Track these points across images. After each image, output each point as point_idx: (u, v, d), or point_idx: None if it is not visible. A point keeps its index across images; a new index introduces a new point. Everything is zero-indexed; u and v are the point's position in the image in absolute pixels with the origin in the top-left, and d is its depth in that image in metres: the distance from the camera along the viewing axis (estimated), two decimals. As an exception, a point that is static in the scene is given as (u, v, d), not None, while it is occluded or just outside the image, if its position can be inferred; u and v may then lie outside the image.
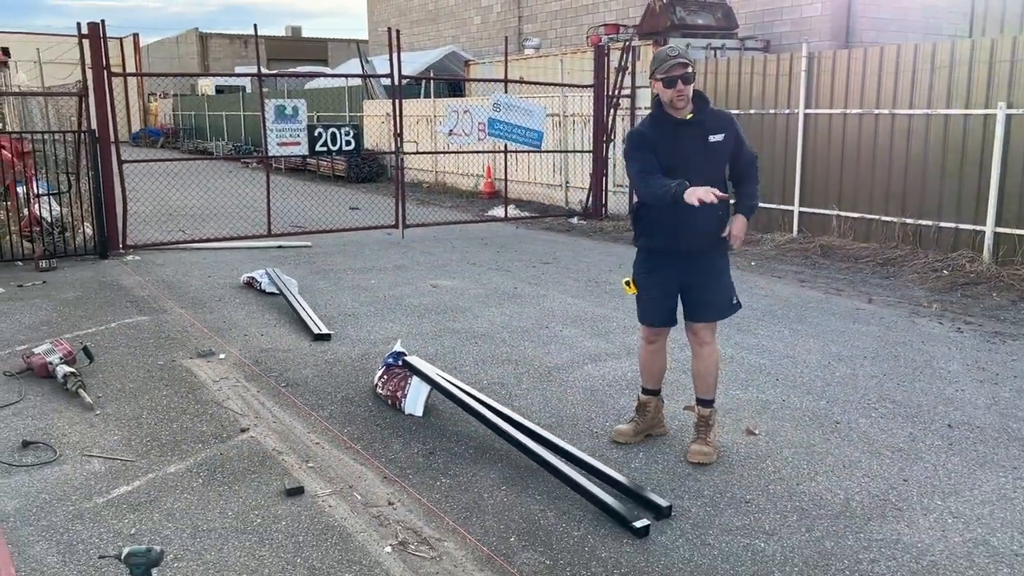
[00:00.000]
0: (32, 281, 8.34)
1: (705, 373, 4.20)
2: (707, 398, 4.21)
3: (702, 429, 4.20)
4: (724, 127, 4.07)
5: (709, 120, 4.05)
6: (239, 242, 10.71)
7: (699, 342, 4.20)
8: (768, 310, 7.20)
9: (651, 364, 4.40)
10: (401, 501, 3.76)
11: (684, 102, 3.98)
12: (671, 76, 3.92)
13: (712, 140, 4.03)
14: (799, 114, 10.49)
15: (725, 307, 4.20)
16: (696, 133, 4.03)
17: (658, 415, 4.46)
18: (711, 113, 4.08)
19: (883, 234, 9.71)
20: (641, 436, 4.41)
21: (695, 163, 3.98)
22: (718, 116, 4.11)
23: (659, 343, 4.36)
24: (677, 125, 4.04)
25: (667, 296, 4.20)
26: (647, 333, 4.34)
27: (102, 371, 5.52)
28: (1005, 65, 8.48)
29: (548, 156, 14.40)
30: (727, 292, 4.18)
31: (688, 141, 4.02)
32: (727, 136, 4.07)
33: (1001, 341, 6.27)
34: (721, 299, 4.17)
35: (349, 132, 11.11)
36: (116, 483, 3.92)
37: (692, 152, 4.01)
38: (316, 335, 6.34)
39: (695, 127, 4.03)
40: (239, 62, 46.32)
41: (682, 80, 3.92)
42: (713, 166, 4.05)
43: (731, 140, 4.09)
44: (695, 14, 15.10)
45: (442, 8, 27.83)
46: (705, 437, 4.18)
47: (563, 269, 9.14)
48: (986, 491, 3.82)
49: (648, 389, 4.42)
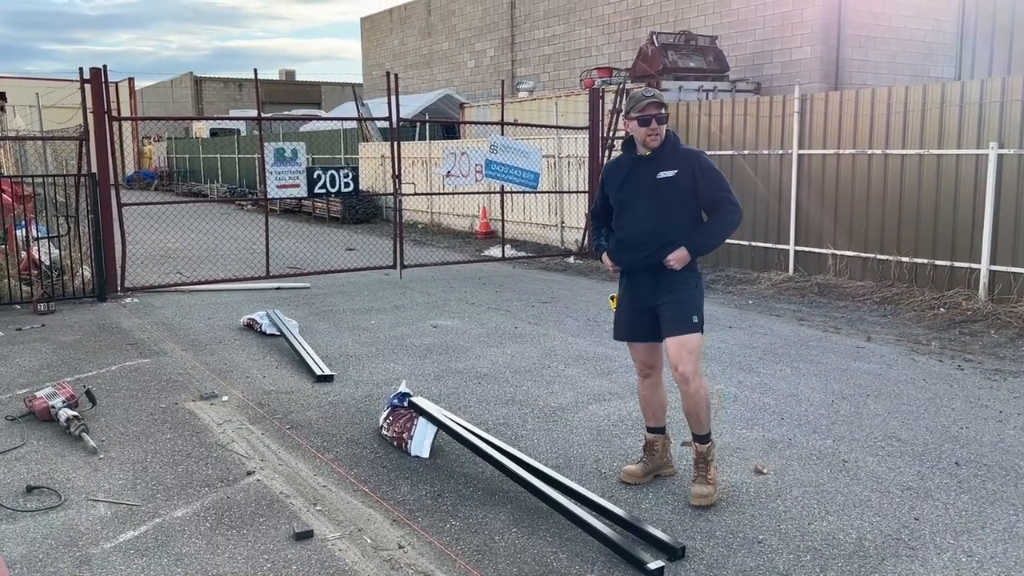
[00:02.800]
0: (31, 324, 8.31)
1: (694, 411, 4.13)
2: (700, 434, 4.17)
3: (701, 466, 4.15)
4: (678, 164, 4.10)
5: (663, 157, 4.12)
6: (238, 284, 10.71)
7: (680, 378, 4.09)
8: (769, 348, 7.23)
9: (649, 399, 4.39)
10: (411, 544, 3.73)
11: (657, 140, 4.10)
12: (646, 115, 4.06)
13: (661, 176, 4.10)
14: (793, 154, 10.62)
15: (684, 323, 4.09)
16: (647, 168, 4.14)
17: (665, 454, 4.45)
18: (670, 150, 4.14)
19: (879, 272, 9.79)
20: (651, 476, 4.39)
21: (642, 198, 4.15)
22: (675, 153, 4.15)
23: (652, 377, 4.36)
24: (636, 161, 4.20)
25: (635, 312, 4.27)
26: (635, 360, 4.39)
27: (105, 414, 5.49)
28: (995, 106, 8.64)
29: (543, 196, 14.52)
30: (687, 310, 4.11)
31: (640, 177, 4.16)
32: (680, 173, 4.09)
33: (1002, 378, 6.30)
34: (680, 315, 4.10)
35: (348, 174, 11.20)
36: (123, 528, 3.88)
37: (641, 187, 4.15)
38: (318, 376, 6.33)
39: (647, 163, 4.15)
40: (233, 105, 46.76)
41: (656, 120, 4.06)
42: (664, 202, 4.11)
43: (686, 176, 4.10)
44: (687, 57, 15.36)
45: (436, 52, 28.22)
46: (705, 475, 4.12)
47: (562, 308, 9.16)
48: (998, 529, 3.82)
49: (652, 427, 4.42)
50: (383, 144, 19.35)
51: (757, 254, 11.24)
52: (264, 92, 44.18)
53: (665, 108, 4.10)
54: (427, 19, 28.49)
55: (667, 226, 4.11)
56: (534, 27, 23.39)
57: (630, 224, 4.23)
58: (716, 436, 4.96)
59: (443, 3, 27.59)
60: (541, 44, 23.17)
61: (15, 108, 18.26)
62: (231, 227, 15.56)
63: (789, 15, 16.21)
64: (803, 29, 15.98)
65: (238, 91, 49.36)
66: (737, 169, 11.33)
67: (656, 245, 4.11)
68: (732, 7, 17.26)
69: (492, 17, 25.14)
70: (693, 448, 4.21)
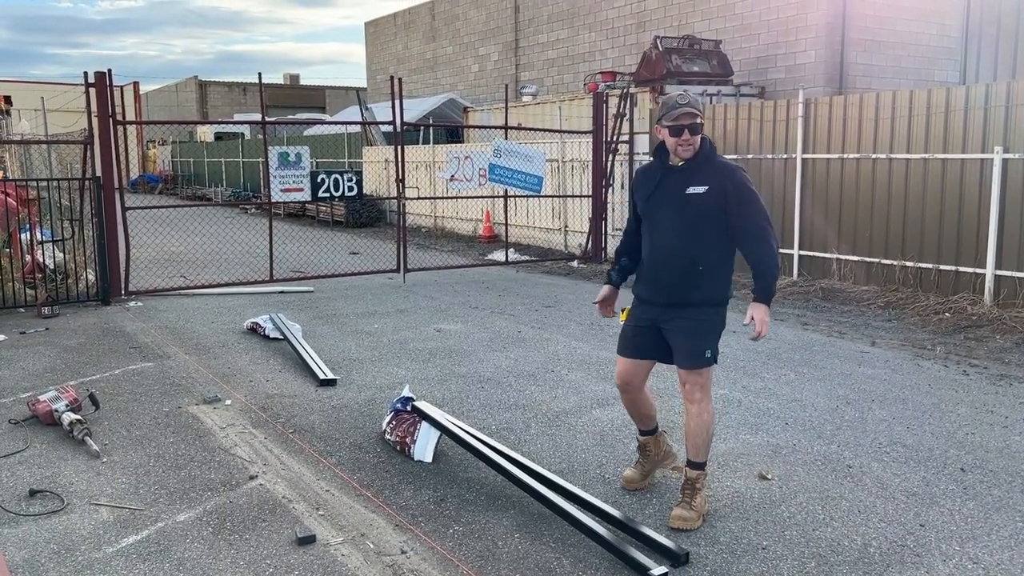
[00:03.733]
0: (35, 328, 8.31)
1: (693, 433, 3.94)
2: (695, 460, 3.97)
3: (687, 492, 3.95)
4: (710, 179, 3.81)
5: (696, 170, 3.86)
6: (241, 288, 10.71)
7: (686, 397, 3.98)
8: (773, 353, 7.20)
9: (633, 411, 4.27)
10: (414, 549, 3.71)
11: (690, 151, 3.84)
12: (678, 125, 3.80)
13: (690, 192, 3.82)
14: (797, 159, 10.61)
15: (695, 357, 3.89)
16: (678, 181, 3.88)
17: (660, 449, 4.34)
18: (704, 162, 3.87)
19: (884, 277, 9.76)
20: (649, 478, 4.34)
21: (667, 212, 3.89)
22: (709, 166, 3.86)
23: (631, 393, 4.16)
24: (667, 171, 3.93)
25: (638, 328, 4.04)
26: (617, 373, 4.15)
27: (108, 418, 5.49)
28: (1000, 110, 8.61)
29: (547, 200, 14.51)
30: (701, 343, 3.87)
31: (668, 189, 3.90)
32: (711, 189, 3.80)
33: (1008, 384, 6.27)
34: (691, 347, 3.89)
35: (352, 178, 11.20)
36: (125, 532, 3.88)
37: (668, 201, 3.89)
38: (322, 380, 6.32)
39: (678, 175, 3.89)
40: (238, 109, 46.86)
41: (689, 130, 3.79)
42: (689, 220, 3.84)
43: (717, 193, 3.80)
44: (691, 62, 15.35)
45: (440, 56, 28.25)
46: (690, 501, 3.91)
47: (566, 312, 9.15)
48: (1004, 536, 3.79)
49: (643, 431, 4.33)
50: (387, 148, 19.38)
51: (761, 258, 11.20)
52: (268, 96, 44.25)
53: (700, 117, 3.82)
54: (431, 23, 28.53)
55: (692, 245, 3.84)
56: (538, 31, 23.41)
57: (654, 240, 3.98)
58: (720, 441, 4.96)
59: (447, 7, 27.63)
60: (545, 48, 23.18)
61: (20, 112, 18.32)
62: (235, 231, 15.58)
63: (793, 19, 16.20)
64: (807, 33, 15.97)
65: (242, 95, 49.48)
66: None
67: (679, 268, 3.86)
68: (736, 11, 17.25)
69: (496, 21, 25.17)
70: (683, 472, 4.03)
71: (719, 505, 4.12)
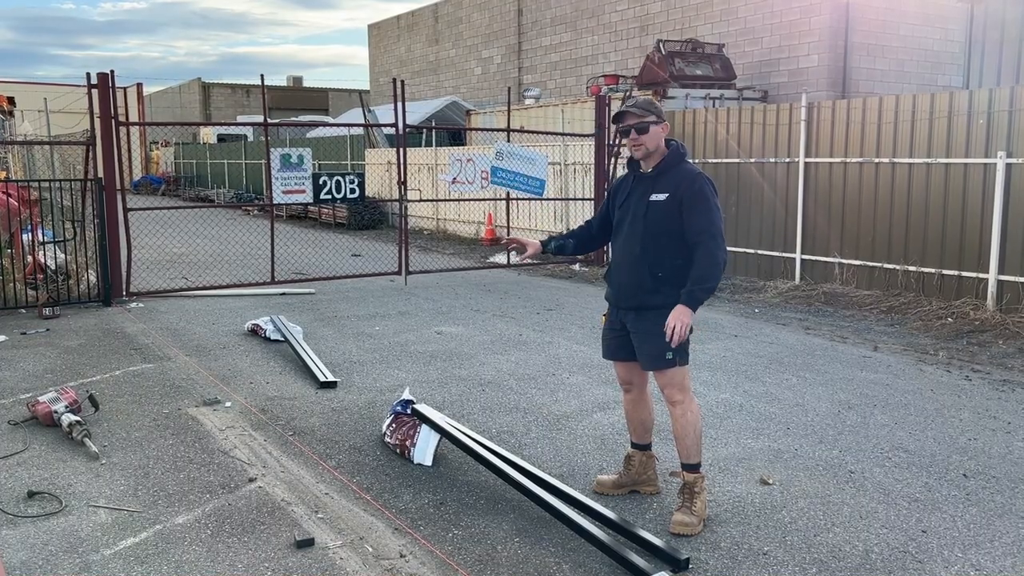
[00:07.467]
0: (36, 328, 8.31)
1: (680, 435, 3.95)
2: (688, 463, 3.96)
3: (686, 496, 3.92)
4: (672, 187, 3.85)
5: (660, 177, 3.91)
6: (243, 289, 10.71)
7: (667, 401, 3.99)
8: (775, 358, 7.18)
9: (632, 414, 4.27)
10: (413, 553, 3.70)
11: (641, 152, 3.92)
12: (624, 125, 3.89)
13: (652, 199, 3.88)
14: (799, 163, 10.59)
15: (655, 359, 3.90)
16: (643, 189, 3.94)
17: (646, 473, 4.30)
18: (667, 169, 3.91)
19: (886, 281, 9.74)
20: (624, 490, 4.28)
21: (632, 219, 3.96)
22: (675, 174, 3.89)
23: (634, 392, 4.21)
24: (637, 179, 4.02)
25: (612, 330, 4.14)
26: (617, 374, 4.27)
27: (107, 419, 5.48)
28: (1004, 115, 8.59)
29: (549, 203, 14.50)
30: (661, 345, 3.82)
31: (635, 196, 3.97)
32: (671, 196, 3.83)
33: (1010, 389, 6.25)
34: (651, 349, 3.90)
35: (354, 180, 11.19)
36: (123, 534, 3.86)
37: (634, 207, 3.96)
38: (322, 383, 6.31)
39: (646, 181, 3.96)
40: (241, 111, 46.92)
41: (635, 130, 3.86)
42: (650, 226, 3.87)
43: (675, 201, 3.83)
44: (693, 65, 15.34)
45: (443, 59, 28.27)
46: (690, 506, 3.89)
47: (567, 315, 9.13)
48: (1007, 543, 3.77)
49: (634, 443, 4.31)
50: (389, 150, 19.38)
51: (763, 262, 11.20)
52: (271, 98, 44.36)
53: (652, 116, 3.85)
54: (434, 26, 28.55)
55: (651, 251, 3.87)
56: (541, 34, 23.42)
57: (618, 245, 4.07)
58: (721, 445, 4.94)
59: (450, 10, 27.64)
60: (548, 51, 23.18)
61: (23, 113, 18.32)
62: (237, 232, 15.58)
63: (796, 23, 16.18)
64: (810, 37, 15.96)
65: (245, 97, 49.55)
66: (744, 177, 11.31)
67: (639, 274, 3.90)
68: (739, 15, 17.24)
69: (499, 24, 25.18)
70: (681, 477, 4.02)
71: (720, 510, 4.10)
